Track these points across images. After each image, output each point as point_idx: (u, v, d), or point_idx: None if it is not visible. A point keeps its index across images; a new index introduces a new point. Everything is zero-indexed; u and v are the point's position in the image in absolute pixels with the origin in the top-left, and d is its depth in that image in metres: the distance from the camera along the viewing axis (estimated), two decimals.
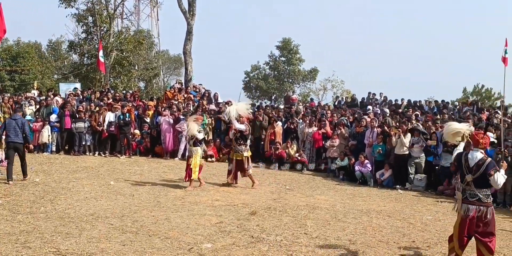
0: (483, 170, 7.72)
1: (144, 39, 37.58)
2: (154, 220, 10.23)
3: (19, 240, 8.46)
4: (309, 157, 19.32)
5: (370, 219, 11.26)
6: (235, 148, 14.55)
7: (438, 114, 21.78)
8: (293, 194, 14.05)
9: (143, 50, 36.64)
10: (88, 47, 34.27)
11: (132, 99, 23.15)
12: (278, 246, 8.79)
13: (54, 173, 15.22)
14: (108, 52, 31.58)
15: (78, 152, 19.28)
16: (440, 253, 8.75)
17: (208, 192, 13.55)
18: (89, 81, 33.48)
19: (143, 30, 42.34)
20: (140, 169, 16.82)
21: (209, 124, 20.08)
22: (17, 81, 34.41)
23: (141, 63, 37.64)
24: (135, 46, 34.54)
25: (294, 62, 51.36)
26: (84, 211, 10.74)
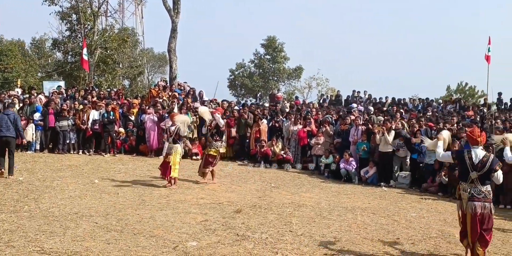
0: (488, 166, 7.90)
1: (129, 37, 37.43)
2: (139, 218, 10.20)
3: (3, 239, 8.39)
4: (294, 155, 19.35)
5: (355, 216, 11.30)
6: (210, 144, 14.47)
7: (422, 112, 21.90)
8: (278, 192, 14.06)
9: (127, 48, 36.49)
10: (72, 45, 34.07)
11: (117, 97, 23.09)
12: (264, 243, 8.80)
13: (38, 172, 15.12)
14: (92, 50, 31.42)
15: (62, 150, 19.17)
16: (424, 250, 8.80)
17: (193, 190, 13.53)
18: (73, 79, 33.28)
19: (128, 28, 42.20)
20: (124, 168, 16.76)
21: (194, 122, 20.04)
22: (0, 79, 34.14)
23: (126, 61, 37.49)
24: (119, 44, 34.39)
25: (279, 60, 51.42)
26: (68, 209, 10.68)
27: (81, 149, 19.62)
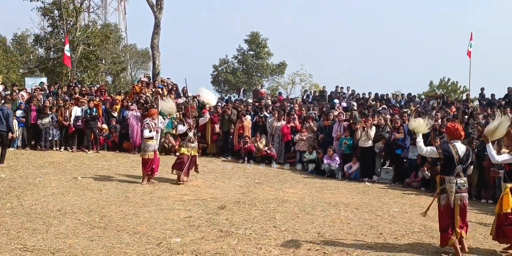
0: (471, 160, 8.25)
1: (111, 33, 37.22)
2: (122, 215, 10.17)
3: None
4: (278, 150, 19.37)
5: (338, 211, 11.33)
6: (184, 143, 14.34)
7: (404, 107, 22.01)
8: (262, 187, 14.07)
9: (110, 44, 36.35)
10: (54, 41, 33.85)
11: (99, 94, 22.98)
12: (247, 239, 8.80)
13: (20, 169, 15.02)
14: (75, 46, 31.23)
15: (44, 147, 19.04)
16: (407, 245, 8.84)
17: (177, 186, 13.51)
18: (55, 75, 33.06)
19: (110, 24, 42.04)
20: (108, 164, 16.70)
21: (177, 118, 19.99)
22: None
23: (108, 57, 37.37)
24: (102, 40, 34.22)
25: (263, 56, 51.44)
26: (51, 206, 10.62)
27: (64, 146, 19.51)
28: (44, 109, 19.12)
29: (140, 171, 14.68)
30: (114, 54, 38.88)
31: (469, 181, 14.12)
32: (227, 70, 52.52)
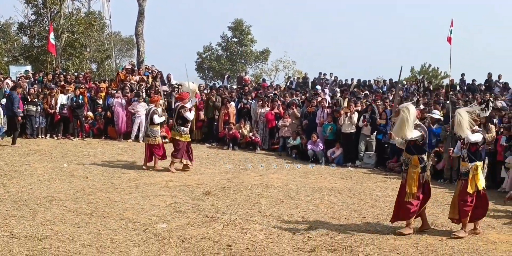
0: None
1: (96, 20, 36.89)
2: (108, 201, 10.17)
3: None
4: (262, 137, 19.37)
5: (322, 196, 11.39)
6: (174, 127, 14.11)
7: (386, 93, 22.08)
8: (246, 173, 14.11)
9: (94, 32, 36.03)
10: (38, 29, 33.54)
11: (84, 81, 22.82)
12: (233, 224, 8.84)
13: (6, 157, 14.93)
14: (59, 34, 30.96)
15: (30, 135, 18.87)
16: (390, 228, 8.91)
17: (162, 173, 13.50)
18: (40, 63, 32.77)
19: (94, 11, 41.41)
20: (93, 151, 16.63)
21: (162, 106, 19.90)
22: None
23: (93, 45, 36.99)
24: (86, 28, 33.98)
25: (246, 43, 51.25)
26: (37, 194, 10.59)
27: (49, 134, 19.38)
28: (30, 96, 18.95)
29: (126, 157, 14.67)
30: (98, 42, 38.47)
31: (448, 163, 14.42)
32: (211, 57, 52.27)
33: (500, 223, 9.89)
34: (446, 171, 14.44)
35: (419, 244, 8.26)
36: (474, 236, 8.87)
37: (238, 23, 51.26)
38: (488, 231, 9.26)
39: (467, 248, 8.16)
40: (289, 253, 7.50)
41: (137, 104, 19.18)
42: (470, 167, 8.58)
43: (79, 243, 7.55)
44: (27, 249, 7.23)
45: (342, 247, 7.87)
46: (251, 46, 51.59)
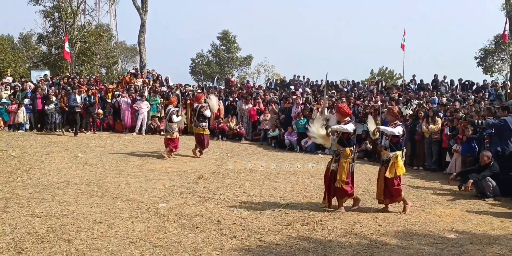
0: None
1: (104, 32, 36.81)
2: (116, 185, 10.12)
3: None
4: (246, 129, 19.38)
5: (296, 179, 11.40)
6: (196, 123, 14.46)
7: (350, 92, 22.15)
8: (233, 160, 14.09)
9: (103, 41, 35.94)
10: (55, 39, 33.32)
11: (95, 83, 22.67)
12: (222, 203, 8.85)
13: (29, 148, 14.79)
14: (73, 44, 30.73)
15: (49, 129, 18.72)
16: (350, 203, 8.94)
17: (162, 160, 13.45)
18: (57, 68, 32.60)
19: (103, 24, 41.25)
20: (103, 143, 16.53)
21: (161, 103, 19.90)
22: None
23: (102, 53, 36.82)
24: (96, 38, 33.90)
25: (232, 50, 51.36)
26: (56, 179, 10.51)
27: (65, 128, 19.18)
28: (48, 97, 18.80)
29: (131, 148, 14.63)
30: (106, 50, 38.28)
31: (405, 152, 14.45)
32: (202, 62, 52.32)
33: (445, 199, 10.00)
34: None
35: (378, 218, 8.31)
36: (424, 210, 8.94)
37: (225, 33, 51.34)
38: (436, 206, 9.35)
39: (418, 221, 8.23)
40: (269, 227, 7.51)
41: (140, 102, 19.13)
42: (391, 156, 8.47)
43: (91, 221, 7.51)
44: (47, 226, 7.18)
45: (314, 221, 7.90)
46: (237, 53, 51.73)
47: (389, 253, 6.52)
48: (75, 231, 6.99)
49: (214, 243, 6.71)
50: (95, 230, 7.05)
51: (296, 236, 7.12)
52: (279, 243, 6.80)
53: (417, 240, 7.15)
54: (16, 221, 7.38)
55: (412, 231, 7.63)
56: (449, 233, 7.60)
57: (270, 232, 7.26)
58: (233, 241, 6.82)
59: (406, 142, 14.12)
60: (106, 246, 6.41)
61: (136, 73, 25.17)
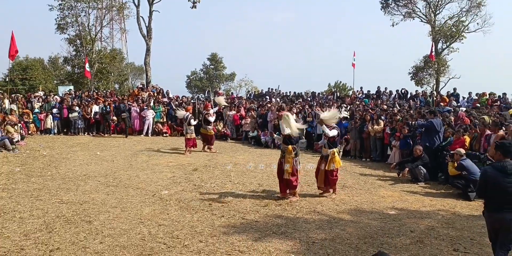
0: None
1: (117, 55, 36.42)
2: (128, 177, 10.03)
3: (33, 195, 8.12)
4: (231, 131, 19.31)
5: (271, 169, 11.34)
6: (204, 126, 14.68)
7: (312, 101, 22.23)
8: (221, 156, 14.02)
9: (116, 62, 35.55)
10: (77, 61, 32.92)
11: (110, 96, 22.44)
12: (213, 190, 8.82)
13: (57, 148, 14.55)
14: (92, 64, 30.35)
15: (73, 133, 18.46)
16: (315, 189, 8.97)
17: (164, 156, 13.34)
18: (79, 84, 32.22)
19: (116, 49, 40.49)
20: (117, 143, 16.33)
21: (163, 111, 19.77)
22: (27, 85, 32.84)
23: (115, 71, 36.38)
24: (111, 60, 33.56)
25: (220, 68, 51.37)
26: (79, 173, 10.37)
27: (87, 132, 18.95)
28: (72, 107, 18.57)
29: (140, 147, 14.51)
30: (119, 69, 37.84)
31: (354, 146, 14.58)
32: (196, 78, 52.27)
33: (387, 184, 10.09)
34: (352, 151, 14.63)
35: (335, 199, 8.36)
36: (371, 193, 9.01)
37: (214, 55, 51.39)
38: (380, 189, 9.43)
39: (366, 201, 8.29)
40: (250, 208, 7.51)
41: (147, 111, 18.93)
42: (329, 152, 8.38)
43: (108, 205, 7.44)
44: (73, 210, 7.09)
45: (285, 202, 7.93)
46: (223, 71, 51.69)
47: (344, 227, 6.57)
48: (95, 214, 6.92)
49: (207, 221, 6.69)
50: (111, 213, 6.98)
51: (272, 215, 7.14)
52: (258, 220, 6.80)
53: (366, 216, 7.21)
54: (47, 207, 7.28)
55: (362, 209, 7.69)
56: (390, 210, 7.68)
57: (251, 212, 7.26)
58: (221, 219, 6.80)
59: (356, 139, 14.41)
60: (120, 226, 6.35)
61: (143, 87, 25.01)
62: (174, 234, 6.03)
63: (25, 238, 5.81)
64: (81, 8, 30.77)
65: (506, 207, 4.61)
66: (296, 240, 5.92)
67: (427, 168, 10.41)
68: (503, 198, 4.60)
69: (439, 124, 11.06)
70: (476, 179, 8.70)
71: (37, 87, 29.75)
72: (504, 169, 4.58)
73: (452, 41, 31.53)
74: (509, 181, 4.57)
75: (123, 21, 38.40)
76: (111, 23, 36.09)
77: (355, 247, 5.71)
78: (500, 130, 9.87)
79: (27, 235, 5.91)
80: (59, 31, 31.08)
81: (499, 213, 4.64)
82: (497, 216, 4.66)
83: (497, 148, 4.79)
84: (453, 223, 6.91)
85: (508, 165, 4.61)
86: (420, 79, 32.34)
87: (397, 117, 13.70)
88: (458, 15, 31.42)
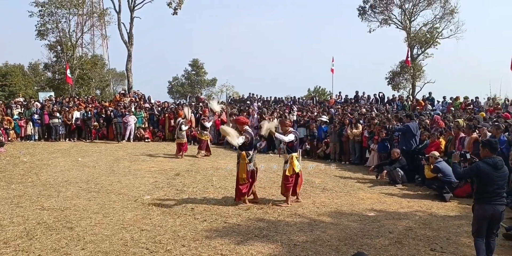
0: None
1: (98, 61, 36.07)
2: (110, 182, 9.89)
3: (13, 202, 7.95)
4: (213, 135, 19.22)
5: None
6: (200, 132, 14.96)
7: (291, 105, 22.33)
8: (203, 160, 13.97)
9: (98, 68, 35.20)
10: (58, 67, 32.50)
11: (92, 102, 22.16)
12: (195, 195, 8.76)
13: (38, 154, 14.29)
14: (73, 70, 29.99)
15: (54, 139, 18.16)
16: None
17: (146, 162, 13.22)
18: (60, 90, 31.74)
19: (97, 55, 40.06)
20: (98, 149, 16.11)
21: (145, 117, 19.62)
22: (7, 92, 32.23)
23: (97, 77, 36.00)
24: (92, 66, 33.25)
25: (201, 74, 51.27)
26: (60, 179, 10.20)
27: (68, 138, 18.65)
28: (53, 113, 18.28)
29: (121, 153, 14.34)
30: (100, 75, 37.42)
31: (333, 149, 14.67)
32: (177, 84, 52.06)
33: (366, 186, 10.18)
34: (332, 154, 14.73)
35: (316, 202, 8.40)
36: (350, 195, 9.08)
37: (195, 61, 51.32)
38: (359, 191, 9.51)
39: (346, 203, 8.35)
40: (232, 212, 7.49)
41: (128, 116, 18.73)
42: (288, 157, 8.15)
43: (90, 211, 7.33)
44: (54, 217, 6.96)
45: (266, 205, 7.93)
46: (204, 76, 51.59)
47: (325, 229, 6.60)
48: (77, 220, 6.81)
49: (189, 225, 6.64)
50: (93, 219, 6.88)
51: (253, 218, 7.13)
52: (240, 224, 6.79)
53: (345, 218, 7.26)
54: (28, 214, 7.13)
55: (341, 211, 7.74)
56: (369, 211, 7.75)
57: (233, 216, 7.24)
58: (204, 223, 6.77)
59: (335, 142, 14.51)
60: (102, 231, 6.26)
61: (125, 93, 24.79)
62: (156, 239, 5.97)
63: (5, 245, 5.68)
64: (61, 15, 30.44)
65: (497, 199, 5.07)
66: (277, 243, 5.92)
67: (405, 170, 10.56)
68: (494, 191, 5.05)
69: (415, 128, 11.24)
70: (450, 180, 8.90)
71: (17, 93, 29.25)
72: (495, 165, 5.04)
73: (427, 47, 32.19)
74: (498, 175, 5.04)
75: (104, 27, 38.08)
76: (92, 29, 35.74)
77: (335, 248, 5.75)
78: (474, 133, 10.07)
79: (7, 242, 5.78)
80: (40, 37, 30.67)
81: (491, 205, 5.07)
82: (488, 208, 5.07)
83: (484, 145, 5.24)
84: (430, 224, 7.02)
85: (498, 160, 5.09)
86: (397, 83, 32.86)
87: (375, 121, 13.86)
88: (432, 22, 32.15)
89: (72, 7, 30.28)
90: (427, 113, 16.00)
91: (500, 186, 5.06)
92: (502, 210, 5.12)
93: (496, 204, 5.06)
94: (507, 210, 7.42)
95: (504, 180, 5.12)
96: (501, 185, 5.07)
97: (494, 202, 5.06)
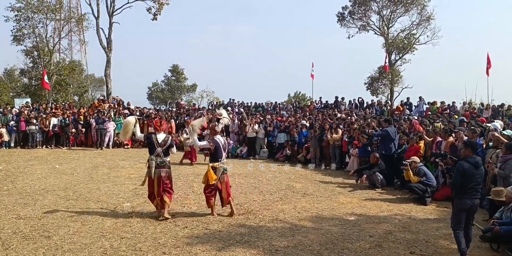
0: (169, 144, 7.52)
1: (76, 66, 35.56)
2: (88, 190, 9.74)
3: None
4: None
5: (234, 179, 11.31)
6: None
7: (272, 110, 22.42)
8: (184, 166, 13.90)
9: (75, 74, 34.64)
10: (35, 73, 31.79)
11: (69, 108, 21.84)
12: (175, 201, 8.66)
13: (14, 162, 13.97)
14: (50, 76, 29.43)
15: (31, 146, 17.77)
16: (277, 197, 9.02)
17: (126, 168, 13.06)
18: (37, 96, 31.11)
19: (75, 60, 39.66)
20: (77, 156, 15.83)
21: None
22: None
23: (75, 83, 35.42)
24: (70, 72, 32.67)
25: (181, 79, 50.96)
26: (37, 187, 9.99)
27: (45, 145, 18.29)
28: (30, 120, 17.92)
29: (100, 159, 14.14)
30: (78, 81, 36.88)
31: (314, 154, 14.72)
32: (157, 90, 51.68)
33: (346, 191, 10.26)
34: (313, 159, 14.80)
35: (297, 207, 8.42)
36: (331, 199, 9.13)
37: (175, 66, 50.93)
38: (339, 196, 9.58)
39: (326, 208, 8.40)
40: (213, 218, 7.46)
41: (107, 122, 18.49)
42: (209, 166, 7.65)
43: (68, 220, 7.19)
44: (30, 226, 6.81)
45: (248, 211, 7.92)
46: (184, 82, 51.33)
47: (306, 234, 6.62)
48: (54, 229, 6.68)
49: (170, 232, 6.59)
50: (71, 227, 6.76)
51: (235, 224, 7.11)
52: (222, 230, 6.76)
53: (326, 223, 7.30)
54: (3, 223, 6.96)
55: (322, 216, 7.78)
56: (350, 216, 7.81)
57: (214, 222, 7.21)
58: (185, 230, 6.72)
59: (315, 147, 14.58)
60: (81, 240, 6.16)
61: (104, 99, 24.47)
62: (137, 247, 5.90)
63: None
64: (38, 19, 29.87)
65: (474, 193, 5.68)
66: (259, 248, 5.91)
67: (384, 175, 10.69)
68: (473, 187, 5.65)
69: (393, 132, 11.40)
70: (431, 183, 9.08)
71: None
72: (476, 164, 5.64)
73: (405, 52, 32.74)
74: (477, 173, 5.65)
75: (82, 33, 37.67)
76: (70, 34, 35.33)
77: (317, 253, 5.77)
78: (450, 137, 10.27)
79: None
80: (15, 42, 30.06)
81: (469, 199, 5.66)
82: (467, 202, 5.65)
83: (466, 146, 5.85)
84: (409, 227, 7.11)
85: (478, 160, 5.71)
86: (375, 89, 33.31)
87: (354, 126, 14.01)
88: (410, 28, 32.71)
89: (49, 12, 29.78)
90: (405, 118, 16.25)
91: (478, 182, 5.70)
92: (478, 203, 5.80)
93: (473, 198, 5.67)
94: (482, 212, 7.65)
95: (481, 178, 5.77)
96: (479, 182, 5.72)
97: (472, 197, 5.66)
